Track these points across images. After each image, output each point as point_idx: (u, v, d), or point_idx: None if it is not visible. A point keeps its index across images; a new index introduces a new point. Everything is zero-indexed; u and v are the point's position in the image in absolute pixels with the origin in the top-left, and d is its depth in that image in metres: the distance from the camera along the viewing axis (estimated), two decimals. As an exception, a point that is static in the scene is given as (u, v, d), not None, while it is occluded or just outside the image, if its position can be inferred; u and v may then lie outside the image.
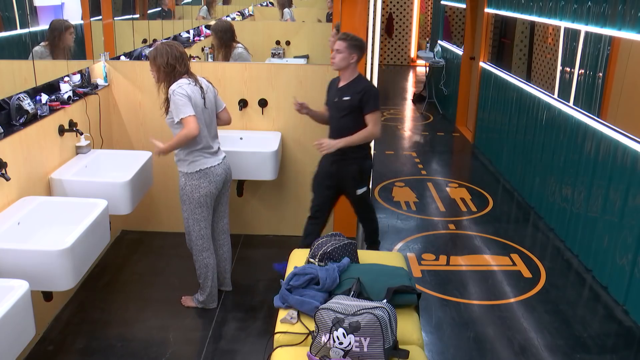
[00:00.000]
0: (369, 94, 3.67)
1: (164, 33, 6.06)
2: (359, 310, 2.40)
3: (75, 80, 3.97)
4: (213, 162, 3.46)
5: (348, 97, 3.67)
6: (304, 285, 2.80)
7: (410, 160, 7.06)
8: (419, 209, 5.51)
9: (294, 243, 3.98)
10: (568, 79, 5.01)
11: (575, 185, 4.65)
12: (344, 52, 3.61)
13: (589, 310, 3.88)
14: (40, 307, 3.13)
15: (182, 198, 3.49)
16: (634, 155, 3.83)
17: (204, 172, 3.41)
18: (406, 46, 14.74)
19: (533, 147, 5.58)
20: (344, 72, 3.70)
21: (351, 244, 3.07)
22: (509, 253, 4.65)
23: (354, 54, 3.64)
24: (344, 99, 3.67)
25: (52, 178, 3.44)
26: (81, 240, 2.73)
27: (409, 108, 10.12)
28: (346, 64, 3.66)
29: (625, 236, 3.90)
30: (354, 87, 3.68)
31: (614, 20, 4.10)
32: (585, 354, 3.41)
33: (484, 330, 3.61)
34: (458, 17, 11.05)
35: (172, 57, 3.29)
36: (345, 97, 3.67)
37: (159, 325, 3.52)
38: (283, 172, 4.59)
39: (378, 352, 2.34)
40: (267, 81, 4.41)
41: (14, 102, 3.18)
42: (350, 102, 3.66)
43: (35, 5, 3.46)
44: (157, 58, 3.30)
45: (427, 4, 14.22)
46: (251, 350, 3.33)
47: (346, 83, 3.72)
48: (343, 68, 3.68)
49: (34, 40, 3.48)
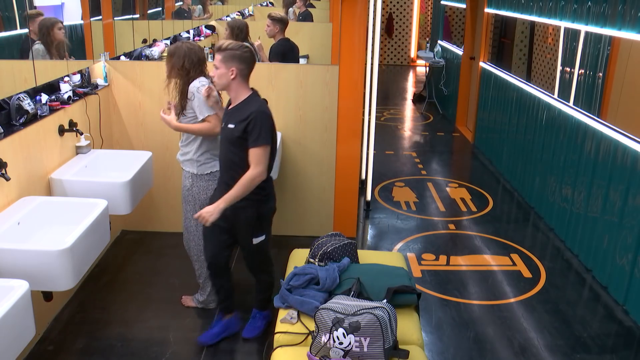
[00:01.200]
0: (256, 121, 2.88)
1: (164, 33, 6.06)
2: (359, 310, 2.40)
3: (75, 80, 3.97)
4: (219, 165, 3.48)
5: (232, 124, 2.94)
6: (304, 285, 2.80)
7: (410, 160, 7.06)
8: (419, 209, 5.51)
9: (294, 243, 3.98)
10: (568, 79, 5.01)
11: (575, 185, 4.65)
12: (221, 68, 2.91)
13: (589, 310, 3.88)
14: (40, 307, 3.14)
15: (187, 198, 3.48)
16: (634, 155, 3.83)
17: (214, 174, 3.41)
18: (406, 46, 14.74)
19: (533, 147, 5.58)
20: (230, 93, 3.01)
21: (351, 244, 3.07)
22: (509, 253, 4.65)
23: (232, 67, 2.89)
24: (229, 127, 2.96)
25: (52, 178, 3.44)
26: (81, 240, 2.73)
27: (409, 108, 10.12)
28: (226, 82, 2.94)
29: (625, 236, 3.90)
30: (241, 112, 2.95)
31: (614, 20, 4.10)
32: (585, 354, 3.41)
33: (484, 330, 3.61)
34: (458, 17, 11.05)
35: (189, 61, 3.27)
36: (230, 124, 2.96)
37: (159, 325, 3.52)
38: (283, 172, 4.59)
39: (378, 352, 2.35)
40: (267, 81, 4.41)
41: (14, 102, 3.18)
42: (234, 133, 2.92)
43: (35, 5, 3.46)
44: (174, 57, 3.29)
45: (427, 4, 14.22)
46: (251, 350, 3.33)
47: (235, 106, 3.01)
48: (225, 88, 2.99)
49: (34, 40, 3.48)
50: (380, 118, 9.04)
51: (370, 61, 5.28)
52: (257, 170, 2.90)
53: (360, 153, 4.80)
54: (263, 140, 2.88)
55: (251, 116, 2.87)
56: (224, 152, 3.06)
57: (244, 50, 2.91)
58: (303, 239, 4.54)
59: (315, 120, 4.48)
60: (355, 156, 4.57)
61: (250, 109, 2.90)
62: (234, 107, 2.99)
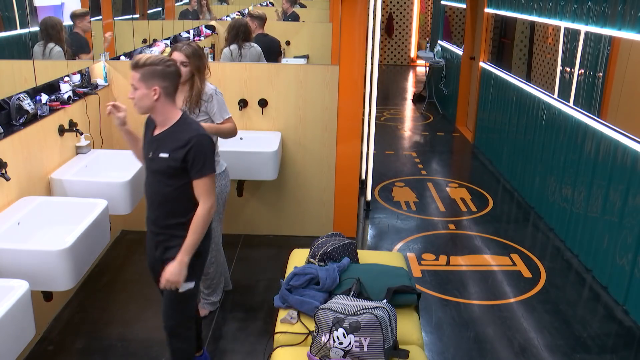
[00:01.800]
0: (199, 148, 2.45)
1: (164, 33, 6.06)
2: (359, 310, 2.40)
3: (75, 80, 3.97)
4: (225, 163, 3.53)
5: (165, 153, 2.47)
6: (304, 285, 2.80)
7: (410, 160, 7.06)
8: (419, 209, 5.51)
9: (294, 243, 3.98)
10: (568, 79, 5.01)
11: (575, 185, 4.65)
12: (140, 87, 2.43)
13: (589, 310, 3.88)
14: (40, 307, 3.14)
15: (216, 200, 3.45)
16: (634, 155, 3.83)
17: (227, 172, 3.47)
18: (406, 46, 14.74)
19: (533, 147, 5.58)
20: (156, 116, 2.53)
21: (351, 244, 3.07)
22: (509, 253, 4.65)
23: (154, 86, 2.41)
24: (161, 157, 2.48)
25: (52, 178, 3.44)
26: (81, 240, 2.73)
27: (409, 108, 10.12)
28: (149, 104, 2.46)
29: (625, 236, 3.90)
30: (175, 136, 2.49)
31: (614, 20, 4.10)
32: (585, 354, 3.41)
33: (484, 330, 3.61)
34: (458, 17, 11.05)
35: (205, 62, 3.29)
36: (162, 152, 2.48)
37: (159, 325, 3.49)
38: (283, 172, 4.59)
39: (378, 352, 2.35)
40: (267, 81, 4.41)
41: (14, 102, 3.18)
42: (168, 162, 2.46)
43: (35, 5, 3.46)
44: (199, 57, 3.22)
45: (427, 4, 14.22)
46: (251, 350, 3.33)
47: (164, 131, 2.52)
48: (149, 111, 2.51)
49: (34, 40, 3.48)
50: (380, 118, 9.04)
51: (370, 61, 5.28)
52: (209, 202, 2.51)
53: (360, 153, 4.80)
54: (210, 169, 2.49)
55: (191, 142, 2.43)
56: (153, 187, 2.57)
57: (166, 65, 2.44)
58: (303, 239, 4.54)
59: (315, 120, 4.48)
60: (355, 156, 4.57)
61: (187, 134, 2.46)
62: (163, 133, 2.52)
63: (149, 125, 2.62)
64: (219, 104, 3.30)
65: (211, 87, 3.31)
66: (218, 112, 3.30)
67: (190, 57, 3.17)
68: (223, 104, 3.33)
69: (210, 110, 3.30)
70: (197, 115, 3.29)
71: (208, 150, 2.48)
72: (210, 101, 3.27)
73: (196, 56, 3.20)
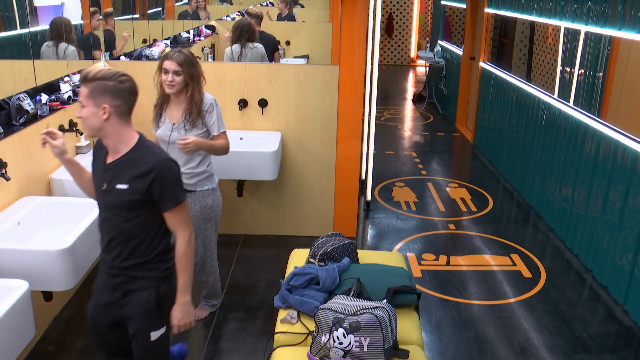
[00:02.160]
0: (167, 175, 2.14)
1: (164, 33, 6.06)
2: (359, 310, 2.40)
3: (75, 80, 3.97)
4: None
5: (123, 184, 2.14)
6: (304, 285, 2.80)
7: (410, 160, 7.06)
8: (419, 209, 5.51)
9: (294, 243, 3.98)
10: (568, 79, 5.01)
11: (575, 185, 4.65)
12: (88, 105, 2.09)
13: (589, 310, 3.88)
14: (40, 307, 3.14)
15: (209, 217, 3.30)
16: (634, 155, 3.83)
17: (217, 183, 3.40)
18: (406, 46, 14.74)
19: (533, 147, 5.58)
20: (106, 139, 2.17)
21: (351, 244, 3.07)
22: (509, 253, 4.65)
23: (104, 104, 2.08)
24: (119, 188, 2.14)
25: (52, 178, 3.44)
26: (81, 240, 2.73)
27: (409, 108, 10.12)
28: (98, 125, 2.11)
29: (625, 236, 3.90)
30: (133, 163, 2.14)
31: (614, 20, 4.10)
32: (585, 354, 3.41)
33: (484, 330, 3.61)
34: (458, 17, 11.05)
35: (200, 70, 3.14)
36: (120, 183, 2.14)
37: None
38: (283, 172, 4.59)
39: (378, 352, 2.35)
40: (267, 81, 4.41)
41: (14, 102, 3.18)
42: (129, 195, 2.13)
43: (35, 5, 3.46)
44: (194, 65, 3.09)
45: (427, 4, 14.22)
46: (251, 350, 3.33)
47: (120, 158, 2.17)
48: (98, 134, 2.16)
49: (34, 40, 3.48)
50: (380, 118, 9.04)
51: (370, 61, 5.28)
52: (187, 234, 2.24)
53: (360, 153, 4.80)
54: (182, 196, 2.20)
55: (156, 170, 2.11)
56: (109, 223, 2.22)
57: (119, 80, 2.10)
58: (303, 239, 4.54)
59: (315, 120, 4.48)
60: (355, 156, 4.57)
61: (149, 160, 2.13)
62: (119, 160, 2.17)
63: (98, 152, 2.25)
64: (218, 114, 3.20)
65: (210, 97, 3.20)
66: (217, 123, 3.18)
67: (183, 65, 3.02)
68: (221, 115, 3.23)
69: (208, 120, 3.17)
70: (199, 128, 3.16)
71: (177, 176, 2.19)
72: (210, 111, 3.16)
73: (189, 63, 3.04)
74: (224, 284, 3.99)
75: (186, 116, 3.12)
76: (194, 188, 3.23)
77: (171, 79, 3.05)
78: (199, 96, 3.11)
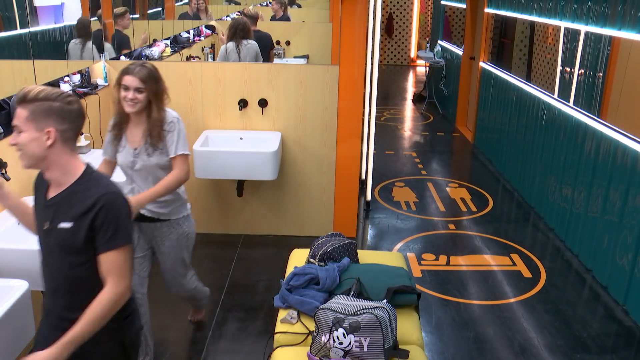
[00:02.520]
0: (110, 209, 1.84)
1: (164, 33, 6.06)
2: (359, 310, 2.40)
3: (75, 80, 3.97)
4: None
5: (67, 222, 1.84)
6: (304, 285, 2.80)
7: (410, 160, 7.06)
8: (419, 209, 5.51)
9: (294, 243, 3.98)
10: (568, 79, 5.01)
11: (575, 185, 4.65)
12: (28, 130, 1.82)
13: (589, 310, 3.88)
14: (41, 307, 3.13)
15: (186, 245, 3.04)
16: (634, 155, 3.83)
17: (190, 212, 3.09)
18: (406, 46, 14.74)
19: (533, 147, 5.58)
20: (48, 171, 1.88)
21: (351, 244, 3.07)
22: (509, 253, 4.65)
23: (48, 128, 1.82)
24: (61, 228, 1.85)
25: (52, 178, 3.43)
26: (81, 240, 2.73)
27: (409, 108, 10.12)
28: (39, 153, 1.83)
29: (625, 236, 3.90)
30: (77, 198, 1.86)
31: (614, 20, 4.10)
32: (585, 354, 3.41)
33: (484, 330, 3.61)
34: (458, 17, 11.06)
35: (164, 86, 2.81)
36: (63, 222, 1.85)
37: (159, 325, 3.52)
38: (283, 172, 4.59)
39: (378, 352, 2.35)
40: (267, 81, 4.41)
41: (14, 102, 3.17)
42: (73, 235, 1.84)
43: (35, 5, 3.46)
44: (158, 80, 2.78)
45: (427, 4, 14.22)
46: (251, 350, 3.33)
47: (61, 191, 1.88)
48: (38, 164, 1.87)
49: (34, 40, 3.49)
50: (380, 118, 9.04)
51: (370, 61, 5.28)
52: (122, 285, 1.86)
53: (360, 153, 4.80)
54: (124, 238, 1.86)
55: (100, 203, 1.81)
56: (56, 268, 1.92)
57: (66, 101, 1.84)
58: (303, 239, 4.54)
59: (315, 120, 4.48)
60: (355, 156, 4.57)
61: (94, 192, 1.84)
62: (62, 194, 1.87)
63: (39, 186, 1.96)
64: (180, 133, 2.81)
65: (173, 114, 2.84)
66: (176, 143, 2.79)
67: (146, 80, 2.71)
68: (185, 136, 2.84)
69: (169, 141, 2.79)
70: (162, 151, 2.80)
71: (122, 214, 1.85)
72: (171, 130, 2.79)
73: (152, 79, 2.74)
74: (224, 284, 4.00)
75: (147, 139, 2.77)
76: (169, 217, 2.93)
77: (132, 96, 2.70)
78: (160, 115, 2.77)
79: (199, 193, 4.65)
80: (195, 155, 4.11)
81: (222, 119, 4.48)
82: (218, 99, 4.45)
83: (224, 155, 4.13)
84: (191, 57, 6.27)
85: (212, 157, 4.13)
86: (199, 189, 4.64)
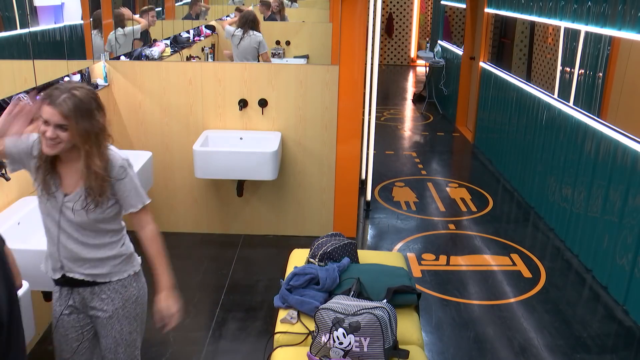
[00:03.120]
0: None
1: (164, 33, 6.06)
2: (359, 310, 2.40)
3: (76, 80, 3.97)
4: None
5: None
6: (304, 285, 2.80)
7: (410, 160, 7.06)
8: (419, 209, 5.51)
9: (294, 243, 3.98)
10: (568, 79, 5.01)
11: (575, 185, 4.65)
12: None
13: (589, 310, 3.88)
14: (40, 307, 3.13)
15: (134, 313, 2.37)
16: (634, 155, 3.83)
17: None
18: (406, 46, 14.74)
19: (533, 147, 5.58)
20: None
21: (351, 244, 3.07)
22: (509, 253, 4.65)
23: None
24: None
25: (52, 178, 3.43)
26: (81, 240, 2.73)
27: (409, 108, 10.12)
28: None
29: (625, 236, 3.90)
30: None
31: (614, 20, 4.10)
32: (585, 354, 3.41)
33: (484, 330, 3.61)
34: (458, 17, 11.05)
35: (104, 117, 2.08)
36: None
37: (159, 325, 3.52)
38: (283, 172, 4.59)
39: (378, 352, 2.35)
40: (267, 81, 4.41)
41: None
42: None
43: (35, 5, 3.46)
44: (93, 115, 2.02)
45: (427, 4, 14.22)
46: (251, 350, 3.33)
47: None
48: None
49: (34, 40, 3.48)
50: (380, 118, 9.04)
51: (370, 61, 5.28)
52: None
53: (360, 153, 4.80)
54: None
55: None
56: None
57: None
58: (303, 239, 4.54)
59: (315, 120, 4.48)
60: (355, 156, 4.57)
61: None
62: None
63: None
64: (132, 182, 2.15)
65: (120, 157, 2.14)
66: (134, 194, 2.16)
67: (71, 116, 1.94)
68: (138, 182, 2.20)
69: (120, 191, 2.13)
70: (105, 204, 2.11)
71: None
72: (122, 178, 2.12)
73: (80, 114, 1.96)
74: (224, 284, 4.00)
75: (85, 195, 2.07)
76: (109, 278, 2.25)
77: (52, 134, 1.95)
78: (100, 163, 2.04)
79: (199, 193, 4.65)
80: (195, 155, 4.11)
81: (222, 119, 4.48)
82: (218, 99, 4.45)
83: (224, 155, 4.13)
84: (191, 57, 6.27)
85: (212, 157, 4.13)
86: (199, 189, 4.64)
